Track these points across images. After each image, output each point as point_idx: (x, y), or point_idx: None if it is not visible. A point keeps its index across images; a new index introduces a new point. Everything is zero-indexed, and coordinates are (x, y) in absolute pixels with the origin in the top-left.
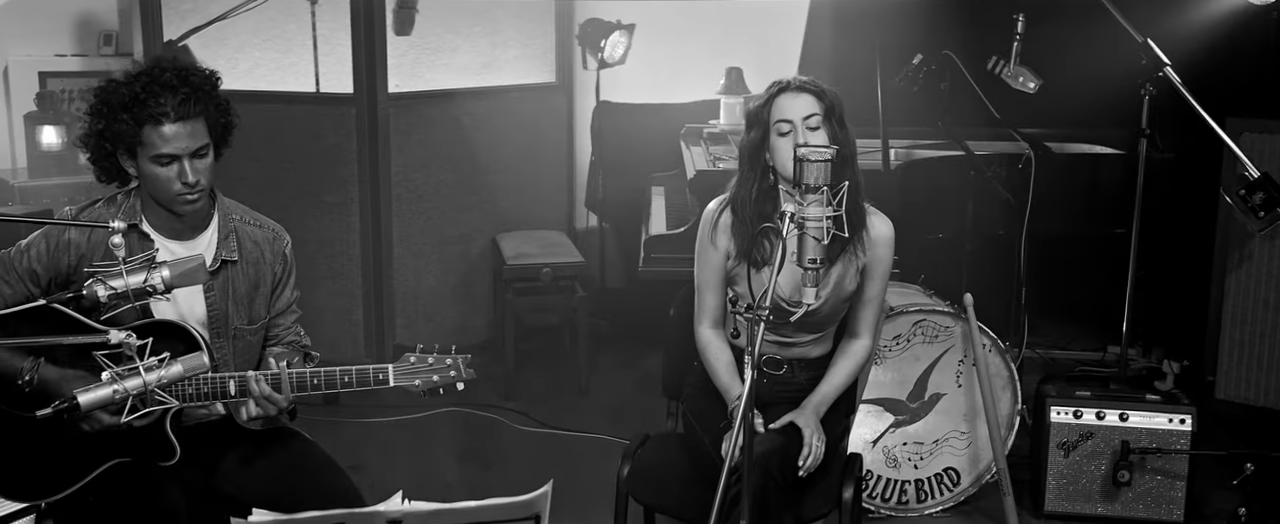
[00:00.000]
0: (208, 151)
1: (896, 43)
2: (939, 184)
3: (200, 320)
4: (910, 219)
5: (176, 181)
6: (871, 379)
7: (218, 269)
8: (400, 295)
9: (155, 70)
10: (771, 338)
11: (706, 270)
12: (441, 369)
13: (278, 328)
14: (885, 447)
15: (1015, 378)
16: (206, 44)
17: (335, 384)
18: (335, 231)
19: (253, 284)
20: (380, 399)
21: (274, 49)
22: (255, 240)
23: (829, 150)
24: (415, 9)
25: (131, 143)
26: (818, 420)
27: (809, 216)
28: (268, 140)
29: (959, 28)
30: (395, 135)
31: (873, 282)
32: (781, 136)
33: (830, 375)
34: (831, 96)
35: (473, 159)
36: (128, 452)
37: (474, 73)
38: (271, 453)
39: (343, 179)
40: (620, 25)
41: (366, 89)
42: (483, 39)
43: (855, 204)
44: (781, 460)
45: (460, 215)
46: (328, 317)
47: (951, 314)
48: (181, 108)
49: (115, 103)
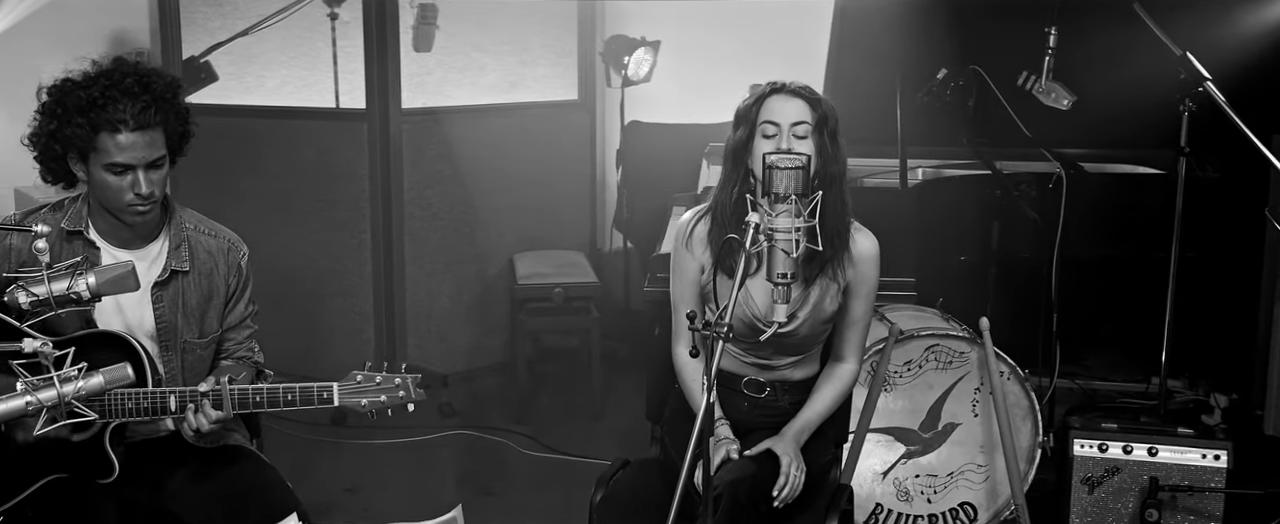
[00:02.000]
0: (164, 162)
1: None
2: (961, 204)
3: (148, 332)
4: (929, 240)
5: (129, 192)
6: (881, 407)
7: (167, 279)
8: (412, 315)
9: (116, 74)
10: (751, 360)
11: (681, 285)
12: (390, 389)
13: (230, 342)
14: (896, 479)
15: (1036, 408)
16: (234, 61)
17: (279, 402)
18: (347, 249)
19: (205, 296)
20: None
21: (301, 65)
22: (209, 250)
23: (800, 158)
24: (435, 25)
25: (84, 148)
26: (797, 448)
27: (778, 228)
28: (282, 156)
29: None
30: (408, 151)
31: (857, 301)
32: (766, 139)
33: (813, 401)
34: (827, 108)
35: (491, 177)
36: (65, 467)
37: (502, 90)
38: (220, 472)
39: (354, 195)
40: (645, 42)
41: (379, 105)
42: (511, 56)
43: (839, 222)
44: (752, 489)
45: (476, 234)
46: (339, 335)
47: (967, 339)
48: (141, 116)
49: (71, 105)
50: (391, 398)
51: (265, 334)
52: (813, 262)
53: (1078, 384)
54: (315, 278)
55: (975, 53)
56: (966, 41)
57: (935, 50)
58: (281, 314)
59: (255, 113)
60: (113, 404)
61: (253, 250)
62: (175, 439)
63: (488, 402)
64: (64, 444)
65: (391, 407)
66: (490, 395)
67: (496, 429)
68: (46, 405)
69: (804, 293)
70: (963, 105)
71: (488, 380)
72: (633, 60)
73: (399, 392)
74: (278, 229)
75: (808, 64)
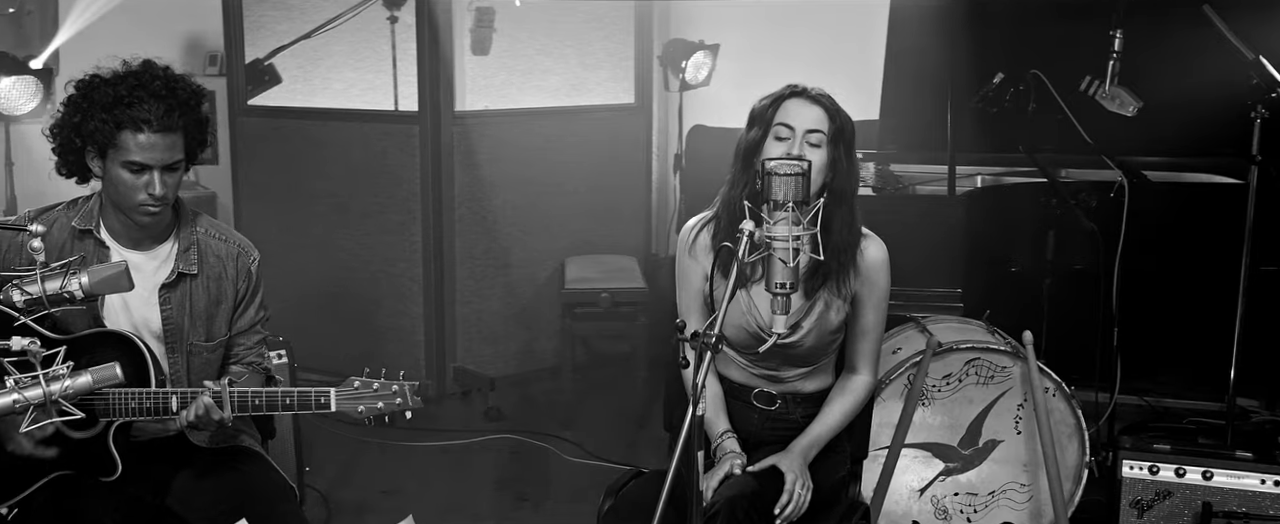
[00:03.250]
0: (180, 166)
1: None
2: (1013, 213)
3: (155, 333)
4: (977, 250)
5: (143, 191)
6: (918, 422)
7: (175, 281)
8: (462, 318)
9: (145, 75)
10: (760, 371)
11: (686, 293)
12: (386, 396)
13: (238, 347)
14: (934, 496)
15: (1083, 425)
16: (301, 64)
17: (278, 406)
18: (399, 251)
19: (213, 300)
20: (434, 422)
21: (368, 68)
22: (218, 255)
23: (801, 165)
24: (492, 28)
25: (104, 144)
26: (804, 464)
27: (776, 236)
28: (339, 158)
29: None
30: (460, 155)
31: (867, 311)
32: (779, 141)
33: (823, 414)
34: (845, 120)
35: (544, 181)
36: (70, 465)
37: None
38: (223, 474)
39: (406, 198)
40: (704, 45)
41: (430, 108)
42: (574, 60)
43: (848, 238)
44: (750, 506)
45: (529, 238)
46: (390, 337)
47: (1009, 353)
48: (165, 119)
49: (97, 100)
50: (388, 404)
51: (322, 334)
52: (816, 273)
53: (1147, 402)
54: (370, 280)
55: (1036, 57)
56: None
57: (991, 54)
58: (338, 315)
59: (313, 115)
60: (116, 403)
61: (311, 251)
62: (182, 439)
63: (535, 406)
64: (68, 442)
65: (389, 413)
66: (538, 400)
67: (542, 434)
68: (33, 403)
69: (808, 304)
70: (1021, 111)
71: (537, 385)
72: (691, 64)
73: (396, 398)
74: (335, 231)
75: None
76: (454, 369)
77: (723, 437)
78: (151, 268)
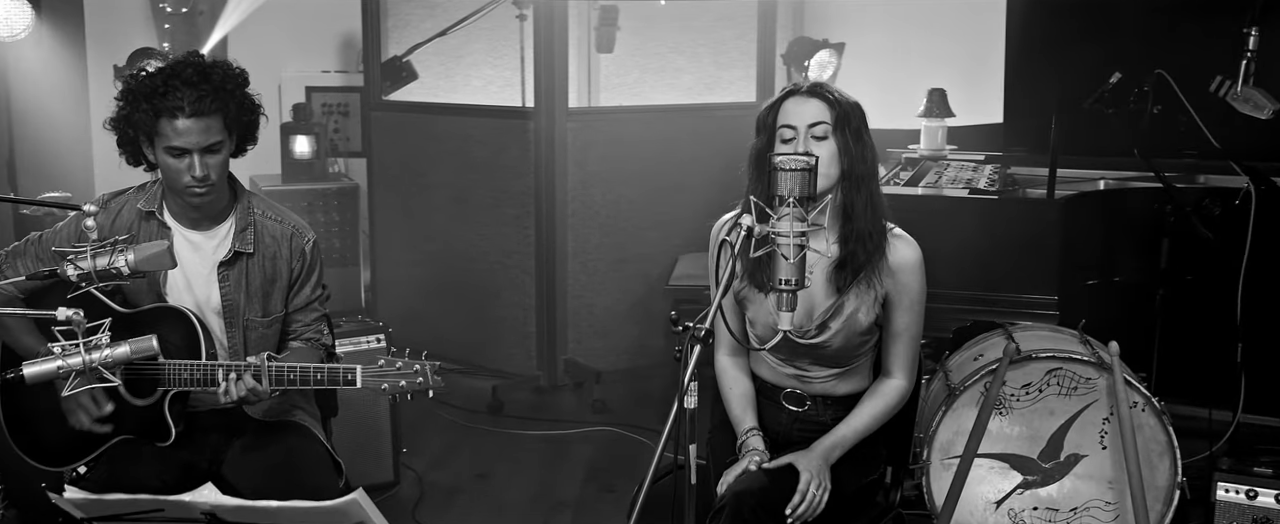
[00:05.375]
0: (221, 148)
1: (1091, 61)
2: (1117, 219)
3: (215, 309)
4: (1075, 256)
5: (186, 174)
6: (995, 431)
7: (232, 260)
8: (573, 311)
9: (179, 65)
10: (789, 371)
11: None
12: (409, 375)
13: (296, 324)
14: (1011, 509)
15: (1174, 443)
16: (444, 61)
17: (309, 380)
18: (515, 243)
19: (268, 278)
20: (542, 412)
21: (504, 65)
22: (273, 235)
23: (807, 159)
24: (615, 26)
25: (150, 132)
26: (824, 465)
27: (780, 232)
28: (462, 152)
29: (1175, 44)
30: (574, 151)
31: (899, 313)
32: (784, 143)
33: (851, 416)
34: (846, 105)
35: (665, 177)
36: (133, 429)
37: (697, 92)
38: (268, 447)
39: (521, 192)
40: (828, 44)
41: (545, 103)
42: (707, 58)
43: (871, 224)
44: (758, 503)
45: (644, 233)
46: (505, 327)
47: (1093, 364)
48: (197, 104)
49: (139, 92)
50: (411, 383)
51: (442, 322)
52: (845, 269)
53: None
54: (487, 271)
55: (1159, 55)
56: (1150, 44)
57: (1112, 53)
58: (457, 305)
59: (434, 110)
60: (171, 374)
61: (433, 242)
62: (238, 411)
63: (641, 400)
64: (131, 408)
65: (412, 391)
66: (645, 395)
67: (642, 428)
68: (74, 370)
69: (837, 302)
70: (1141, 113)
71: (646, 380)
72: (815, 63)
73: (418, 378)
74: (456, 222)
75: (984, 67)
76: (563, 361)
77: (748, 434)
78: (210, 247)
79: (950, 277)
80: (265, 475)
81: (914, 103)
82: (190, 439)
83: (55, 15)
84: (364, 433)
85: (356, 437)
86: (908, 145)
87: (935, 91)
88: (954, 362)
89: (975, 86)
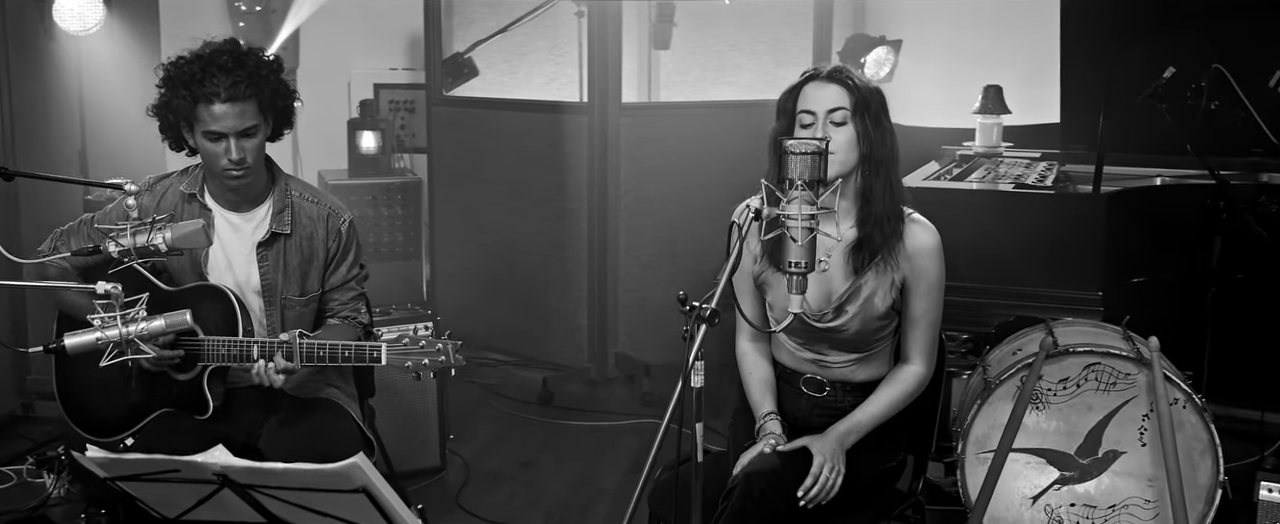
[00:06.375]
0: (256, 132)
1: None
2: (1165, 215)
3: (254, 288)
4: (1121, 253)
5: (223, 157)
6: (1032, 426)
7: (270, 240)
8: (624, 305)
9: (215, 52)
10: (808, 355)
11: (737, 275)
12: (432, 353)
13: (334, 302)
14: (1048, 505)
15: (1216, 441)
16: (508, 58)
17: (337, 357)
18: (568, 237)
19: (305, 258)
20: (592, 403)
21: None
22: (310, 216)
23: (817, 143)
24: (672, 23)
25: (189, 117)
26: (838, 449)
27: (790, 215)
28: (513, 147)
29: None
30: (627, 146)
31: (917, 298)
32: (803, 128)
33: (868, 402)
34: (865, 90)
35: (718, 173)
36: (174, 403)
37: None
38: (300, 422)
39: (574, 186)
40: (885, 41)
41: (598, 99)
42: (767, 55)
43: (888, 208)
44: (768, 484)
45: (694, 227)
46: (556, 320)
47: (1132, 359)
48: (232, 89)
49: (177, 79)
50: (433, 361)
51: (497, 315)
52: (862, 251)
53: None
54: (540, 264)
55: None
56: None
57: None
58: (511, 297)
59: (491, 105)
60: (209, 350)
61: (488, 235)
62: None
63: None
64: (172, 382)
65: (434, 368)
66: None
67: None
68: (112, 342)
69: (853, 286)
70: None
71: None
72: (871, 59)
73: (439, 355)
74: (511, 216)
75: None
76: (614, 354)
77: (766, 418)
78: (249, 228)
79: (994, 272)
80: (297, 447)
81: (975, 101)
82: (228, 413)
83: (128, 11)
84: (412, 420)
85: (405, 423)
86: (962, 142)
87: (991, 88)
88: (994, 356)
89: (1039, 86)
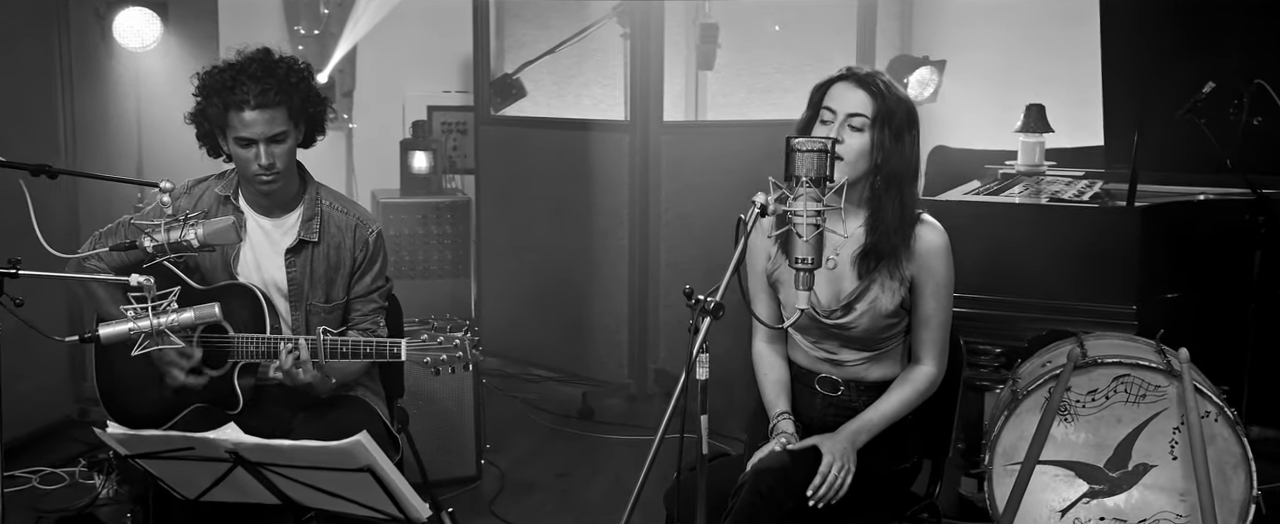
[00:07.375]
0: (286, 138)
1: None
2: (1201, 230)
3: (281, 290)
4: (1156, 268)
5: (253, 163)
6: (1060, 438)
7: (298, 246)
8: (665, 320)
9: (245, 61)
10: (821, 354)
11: (751, 275)
12: (449, 349)
13: (355, 313)
14: (1077, 518)
15: (1249, 455)
16: (557, 80)
17: (359, 353)
18: (609, 253)
19: (332, 265)
20: (631, 418)
21: (614, 85)
22: (339, 225)
23: (822, 141)
24: (716, 44)
25: (221, 124)
26: (849, 448)
27: (794, 211)
28: (555, 165)
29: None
30: (668, 164)
31: (926, 298)
32: (823, 125)
33: (879, 401)
34: (892, 101)
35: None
36: (206, 398)
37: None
38: (327, 419)
39: (615, 205)
40: (929, 61)
41: (640, 117)
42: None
43: (900, 224)
44: (776, 482)
45: None
46: (597, 335)
47: (1162, 371)
48: (262, 97)
49: (210, 86)
50: (451, 357)
51: (540, 331)
52: (868, 258)
53: None
54: (583, 281)
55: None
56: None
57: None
58: (554, 314)
59: (536, 124)
60: (239, 347)
61: (533, 252)
62: None
63: (728, 410)
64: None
65: (452, 364)
66: (736, 404)
67: (724, 437)
68: (144, 332)
69: (862, 285)
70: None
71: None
72: (914, 80)
73: (457, 352)
74: (556, 233)
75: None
76: (654, 370)
77: (779, 417)
78: (279, 234)
79: (1028, 285)
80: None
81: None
82: (258, 409)
83: (187, 30)
84: (449, 430)
85: (442, 433)
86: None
87: (1033, 107)
88: (1024, 369)
89: (1084, 109)
